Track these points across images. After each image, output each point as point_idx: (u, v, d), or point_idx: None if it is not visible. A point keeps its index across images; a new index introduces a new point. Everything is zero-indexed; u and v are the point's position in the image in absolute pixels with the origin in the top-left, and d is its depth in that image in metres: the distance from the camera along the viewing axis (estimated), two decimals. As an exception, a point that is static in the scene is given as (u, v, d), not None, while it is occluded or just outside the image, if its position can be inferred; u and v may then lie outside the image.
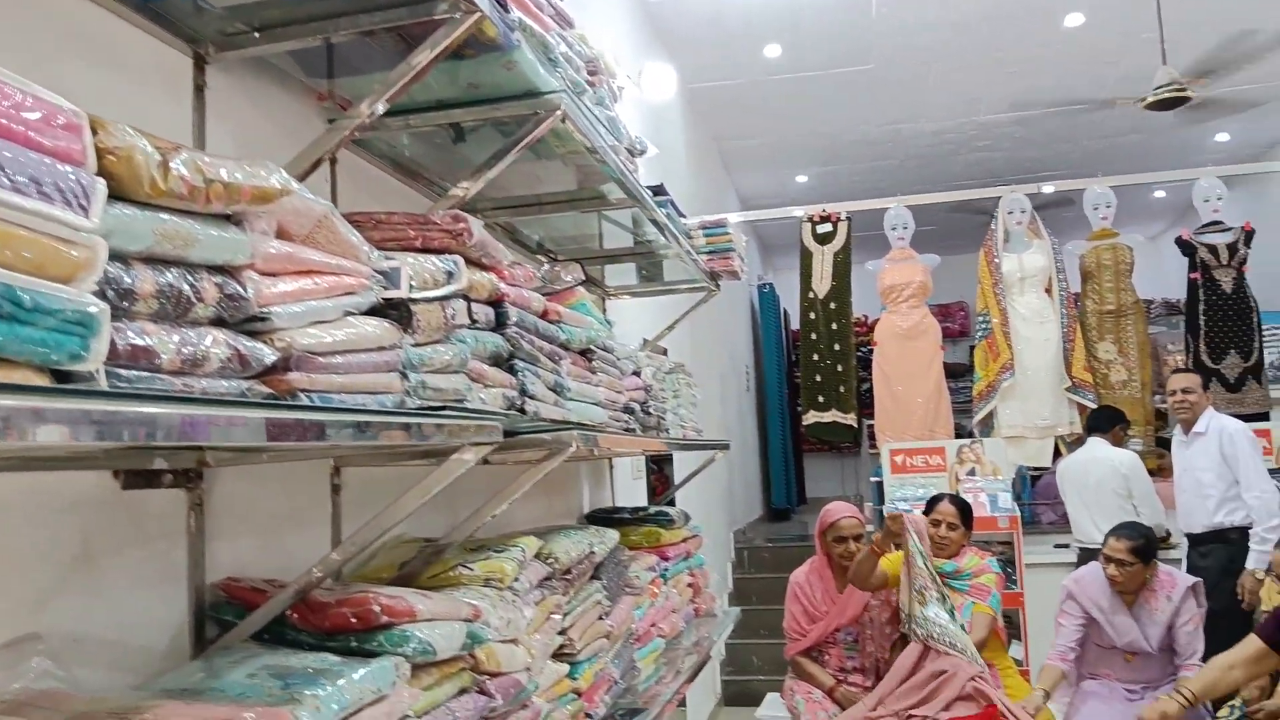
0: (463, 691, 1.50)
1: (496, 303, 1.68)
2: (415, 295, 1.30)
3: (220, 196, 0.96)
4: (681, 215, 3.51)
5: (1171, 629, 3.63)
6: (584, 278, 2.25)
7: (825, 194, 7.93)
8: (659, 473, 4.80)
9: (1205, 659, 3.80)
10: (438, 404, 1.32)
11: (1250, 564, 4.33)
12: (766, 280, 10.62)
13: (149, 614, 1.39)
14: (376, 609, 1.35)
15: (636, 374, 2.67)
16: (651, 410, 2.79)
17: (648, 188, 3.32)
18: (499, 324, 1.67)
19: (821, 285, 5.93)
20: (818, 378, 5.92)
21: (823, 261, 5.93)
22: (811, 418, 5.93)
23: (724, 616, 3.62)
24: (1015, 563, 5.01)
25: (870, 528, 5.79)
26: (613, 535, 2.46)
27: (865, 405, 6.66)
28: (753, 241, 11.37)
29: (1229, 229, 5.78)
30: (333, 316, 1.17)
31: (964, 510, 3.91)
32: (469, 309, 1.49)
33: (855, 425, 5.96)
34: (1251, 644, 2.99)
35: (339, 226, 1.20)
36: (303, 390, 1.07)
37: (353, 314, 1.21)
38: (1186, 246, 5.84)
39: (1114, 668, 3.72)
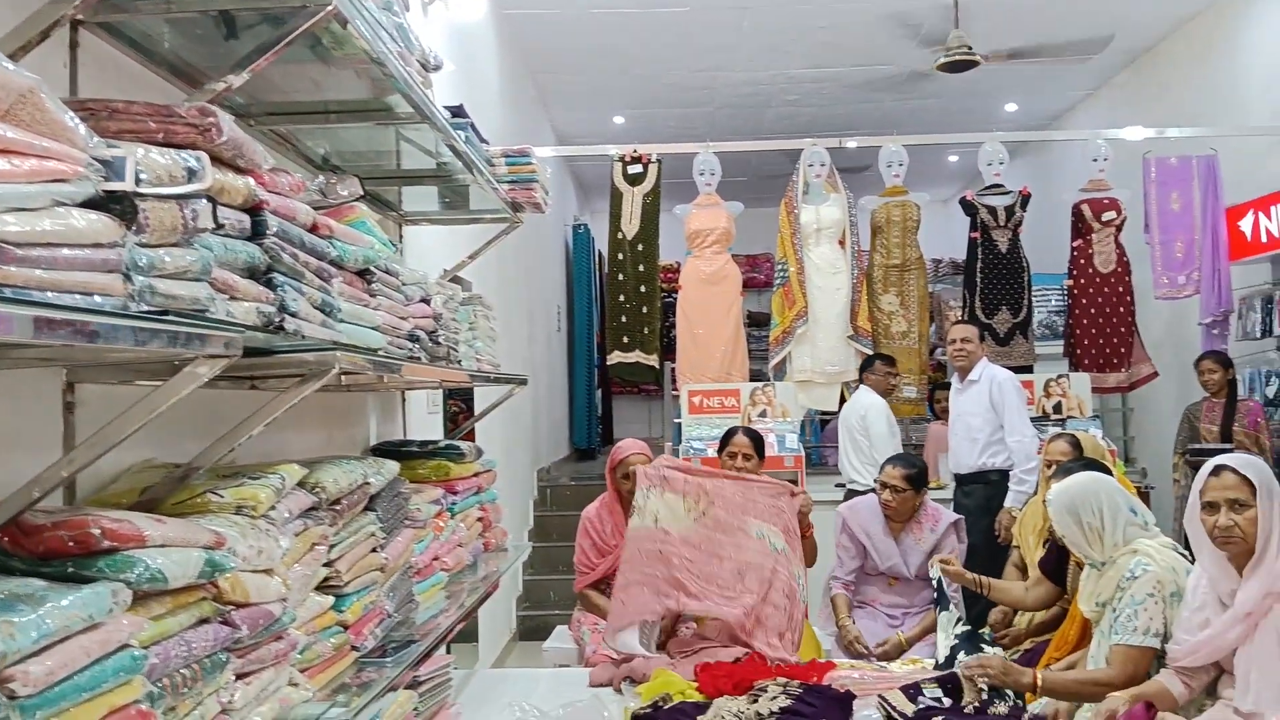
0: (202, 622, 1.41)
1: (255, 210, 1.55)
2: (144, 190, 1.18)
3: (-124, 49, 0.82)
4: (484, 141, 3.40)
5: (931, 558, 3.91)
6: (361, 193, 2.13)
7: (641, 136, 7.90)
8: (466, 411, 4.71)
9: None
10: (168, 311, 1.21)
11: (1008, 502, 4.70)
12: (582, 221, 10.59)
13: None
14: (96, 532, 1.23)
15: (425, 301, 2.58)
16: (441, 340, 2.71)
17: (446, 108, 3.20)
18: (256, 233, 1.55)
19: (630, 226, 5.95)
20: (623, 318, 5.97)
21: (632, 203, 5.95)
22: (615, 358, 5.98)
23: (515, 551, 3.61)
24: (799, 500, 5.25)
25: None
26: (392, 466, 2.39)
27: (671, 349, 6.78)
28: (570, 182, 11.29)
29: (1008, 193, 6.18)
30: (38, 205, 1.04)
31: (757, 441, 4.11)
32: (214, 212, 1.37)
33: (657, 366, 6.05)
34: (1035, 573, 3.50)
35: (48, 104, 1.07)
36: (-8, 283, 0.94)
37: (65, 204, 1.08)
38: (969, 207, 6.21)
39: (878, 593, 4.00)
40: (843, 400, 6.02)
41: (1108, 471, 3.25)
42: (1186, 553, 2.75)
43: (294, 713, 1.70)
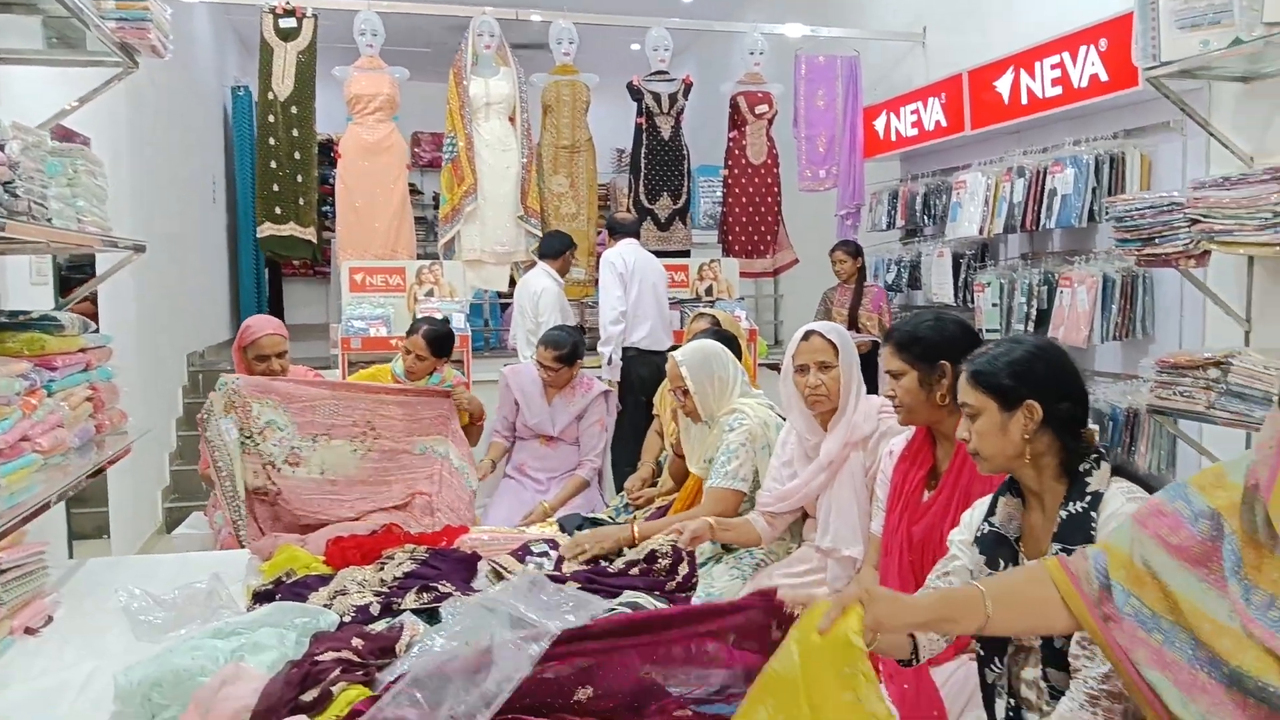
0: None
1: None
2: None
3: None
4: (79, -32, 2.96)
5: (580, 421, 4.18)
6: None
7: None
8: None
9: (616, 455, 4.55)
10: None
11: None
12: (244, 83, 9.68)
13: None
14: None
15: (-2, 147, 2.24)
16: (20, 193, 2.37)
17: (24, -78, 2.76)
18: None
19: (283, 87, 5.49)
20: (275, 187, 5.54)
21: (285, 60, 5.48)
22: (267, 230, 5.57)
23: (135, 434, 3.33)
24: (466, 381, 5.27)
25: (337, 349, 5.70)
26: (-51, 334, 2.09)
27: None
28: (233, 39, 10.28)
29: (673, 80, 6.34)
30: None
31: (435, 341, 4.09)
32: None
33: (315, 241, 5.72)
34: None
35: None
36: None
37: None
38: (635, 92, 6.32)
39: (528, 456, 4.16)
40: (512, 281, 6.03)
41: (737, 346, 3.53)
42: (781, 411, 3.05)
43: None
